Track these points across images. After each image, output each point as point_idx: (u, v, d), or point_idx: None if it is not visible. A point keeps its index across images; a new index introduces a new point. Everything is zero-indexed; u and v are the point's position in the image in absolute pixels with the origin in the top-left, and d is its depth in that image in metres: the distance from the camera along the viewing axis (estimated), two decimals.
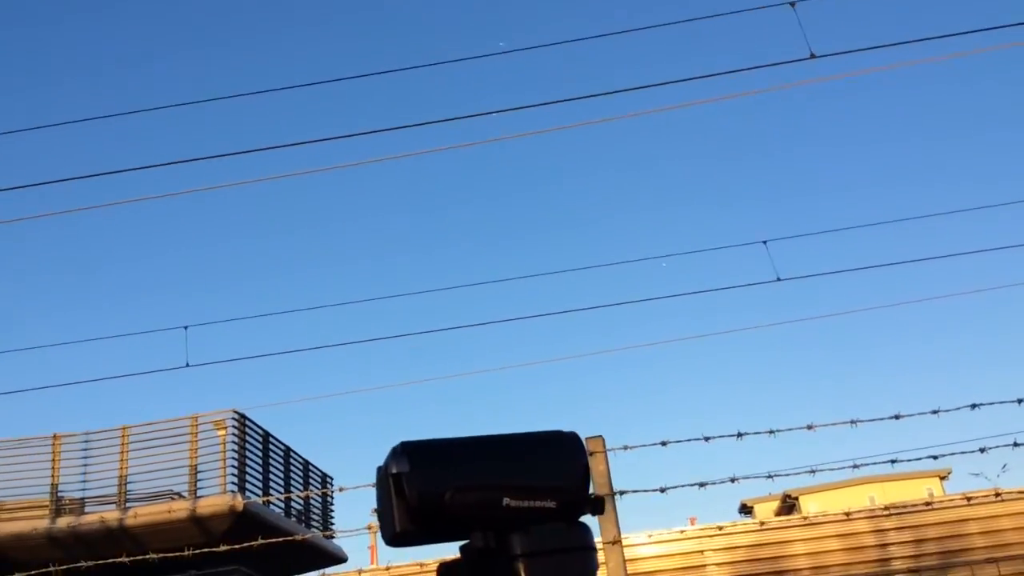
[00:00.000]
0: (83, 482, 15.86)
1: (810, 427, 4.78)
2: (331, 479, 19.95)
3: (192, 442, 15.47)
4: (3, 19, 32.38)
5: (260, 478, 16.38)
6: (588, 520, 1.08)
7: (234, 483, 15.21)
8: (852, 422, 4.87)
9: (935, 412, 4.83)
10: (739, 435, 4.86)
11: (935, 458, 4.96)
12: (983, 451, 4.88)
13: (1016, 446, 4.60)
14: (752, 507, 32.12)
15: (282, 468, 17.69)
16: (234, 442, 15.62)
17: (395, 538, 1.04)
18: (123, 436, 15.66)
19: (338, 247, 42.90)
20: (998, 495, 9.46)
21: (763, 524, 10.98)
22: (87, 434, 15.91)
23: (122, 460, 15.57)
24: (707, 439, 4.77)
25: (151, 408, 41.63)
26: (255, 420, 16.35)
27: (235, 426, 15.71)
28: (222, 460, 15.36)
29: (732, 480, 4.78)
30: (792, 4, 8.48)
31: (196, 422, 15.60)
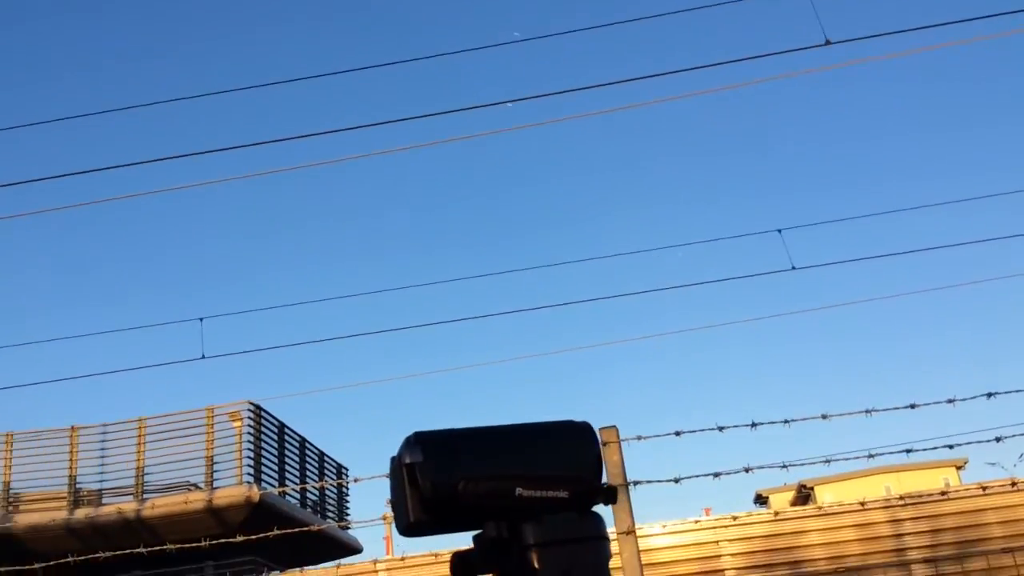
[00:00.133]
0: (101, 473, 16.00)
1: (825, 417, 4.77)
2: (346, 470, 20.01)
3: (208, 433, 15.56)
4: (0, 16, 32.51)
5: (276, 469, 16.46)
6: (602, 510, 1.08)
7: (250, 474, 15.30)
8: (867, 412, 4.85)
9: (951, 401, 4.81)
10: (753, 425, 4.85)
11: (951, 447, 4.96)
12: (999, 440, 4.87)
13: None
14: (767, 497, 32.10)
15: (297, 459, 17.76)
16: (250, 433, 15.70)
17: (409, 528, 1.04)
18: (140, 428, 15.77)
19: (356, 239, 42.99)
20: (1015, 484, 9.42)
21: (778, 514, 10.95)
22: (104, 426, 16.03)
23: (139, 452, 15.67)
24: (721, 429, 4.77)
25: (167, 400, 41.96)
26: (270, 411, 16.44)
27: (251, 417, 15.79)
28: (238, 451, 15.44)
29: (747, 470, 4.78)
30: None
31: (212, 414, 15.69)
